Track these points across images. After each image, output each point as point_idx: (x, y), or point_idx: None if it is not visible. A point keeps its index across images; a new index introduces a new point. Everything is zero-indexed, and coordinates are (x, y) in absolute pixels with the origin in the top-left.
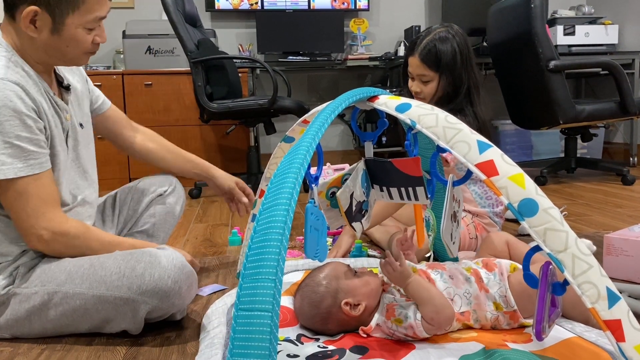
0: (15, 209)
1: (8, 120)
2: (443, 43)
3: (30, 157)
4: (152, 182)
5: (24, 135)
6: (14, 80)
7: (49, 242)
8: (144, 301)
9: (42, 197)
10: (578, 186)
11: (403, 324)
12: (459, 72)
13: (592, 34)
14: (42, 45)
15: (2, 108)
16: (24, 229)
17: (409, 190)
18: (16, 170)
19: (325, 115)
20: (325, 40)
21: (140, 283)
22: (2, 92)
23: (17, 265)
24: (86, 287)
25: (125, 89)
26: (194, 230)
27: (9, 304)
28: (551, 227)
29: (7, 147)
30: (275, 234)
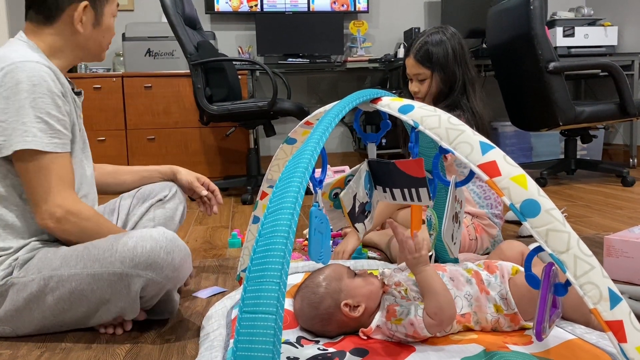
0: (33, 183)
1: (42, 97)
2: (435, 42)
3: (55, 135)
4: (152, 188)
5: (53, 113)
6: (47, 65)
7: (60, 220)
8: (137, 274)
9: (60, 175)
10: (578, 188)
11: (403, 321)
12: (451, 69)
13: (591, 35)
14: (85, 40)
15: (37, 86)
16: (38, 204)
17: (412, 191)
18: (43, 145)
19: (329, 118)
20: (324, 42)
21: (132, 256)
22: (38, 72)
23: (17, 257)
24: (80, 267)
25: (125, 92)
26: (193, 233)
27: (8, 295)
28: (553, 228)
29: (39, 121)
30: (280, 238)
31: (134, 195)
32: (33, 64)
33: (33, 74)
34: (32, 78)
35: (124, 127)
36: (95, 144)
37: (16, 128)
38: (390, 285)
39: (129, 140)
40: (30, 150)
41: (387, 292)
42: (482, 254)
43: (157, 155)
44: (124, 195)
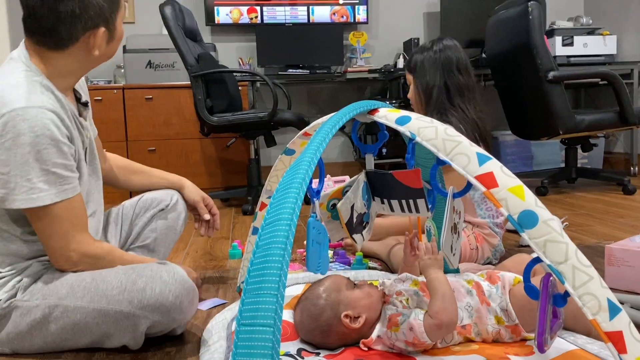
0: (47, 232)
1: (46, 148)
2: (419, 50)
3: (64, 182)
4: (154, 197)
5: (59, 162)
6: (50, 108)
7: (76, 263)
8: (145, 316)
9: (72, 221)
10: (579, 196)
11: (402, 327)
12: (431, 75)
13: (590, 44)
14: (98, 58)
15: (41, 137)
16: (53, 250)
17: (410, 202)
18: (52, 197)
19: (326, 129)
20: (324, 53)
21: (141, 297)
22: (41, 121)
23: (21, 278)
24: (87, 301)
25: (125, 103)
26: (194, 244)
27: (11, 317)
28: (551, 238)
29: (45, 174)
30: (277, 249)
31: (135, 203)
32: (35, 111)
33: (35, 124)
34: (34, 128)
35: (124, 139)
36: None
37: (20, 184)
38: (392, 295)
39: (129, 152)
40: (39, 207)
41: (388, 302)
42: (483, 263)
43: (157, 167)
44: (126, 204)
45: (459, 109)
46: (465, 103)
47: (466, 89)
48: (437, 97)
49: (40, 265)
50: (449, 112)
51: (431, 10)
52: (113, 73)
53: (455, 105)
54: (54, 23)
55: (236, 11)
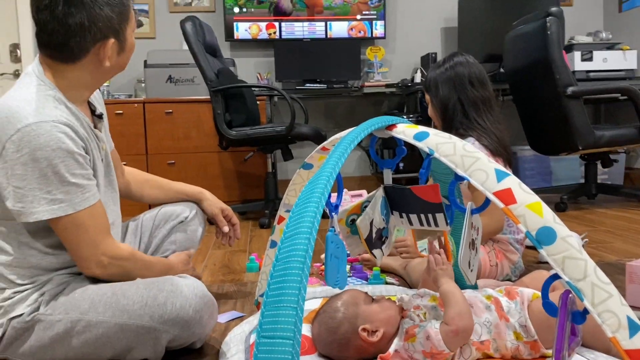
0: (75, 241)
1: (63, 161)
2: (432, 68)
3: (85, 190)
4: (173, 209)
5: (78, 172)
6: (64, 122)
7: (107, 267)
8: (166, 330)
9: (97, 227)
10: (599, 212)
11: (418, 337)
12: (444, 92)
13: (610, 59)
14: (109, 69)
15: (57, 151)
16: (84, 258)
17: (429, 216)
18: (74, 205)
19: (345, 144)
20: (342, 68)
21: (162, 312)
22: (55, 135)
23: (43, 292)
24: (109, 316)
25: (146, 117)
26: (212, 257)
27: (34, 330)
28: (570, 255)
29: (65, 185)
30: (297, 262)
31: (155, 215)
32: (49, 126)
33: (50, 138)
34: (49, 142)
35: (144, 152)
36: None
37: (40, 197)
38: (409, 310)
39: (149, 165)
40: (63, 217)
41: (406, 317)
42: (502, 279)
43: (176, 179)
44: (146, 215)
45: (475, 122)
46: (481, 116)
47: (481, 102)
48: (452, 113)
49: (61, 278)
50: (467, 127)
51: (449, 25)
52: (134, 87)
53: (471, 119)
54: (64, 36)
55: (255, 27)
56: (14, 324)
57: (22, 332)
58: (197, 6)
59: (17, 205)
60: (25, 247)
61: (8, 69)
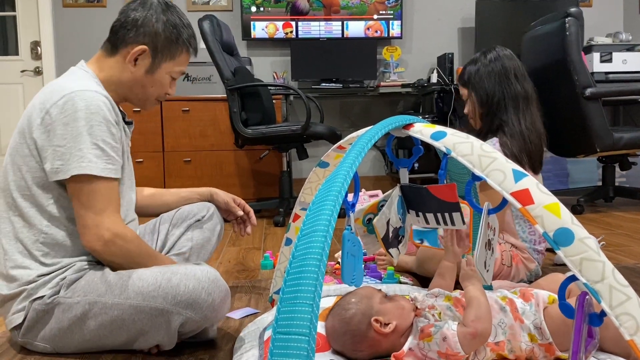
0: (85, 206)
1: (98, 125)
2: (471, 63)
3: (109, 161)
4: (190, 209)
5: (108, 140)
6: (104, 94)
7: (107, 243)
8: (178, 312)
9: (110, 200)
10: (617, 215)
11: (435, 337)
12: (485, 87)
13: (629, 60)
14: (132, 80)
15: (94, 114)
16: (87, 226)
17: (445, 215)
18: (98, 170)
19: (362, 143)
20: (358, 67)
21: (175, 293)
22: (95, 102)
23: (64, 276)
24: (124, 298)
25: (163, 115)
26: (227, 254)
27: (53, 313)
28: (587, 257)
29: (94, 148)
30: (313, 259)
31: (172, 215)
32: (91, 93)
33: (91, 103)
34: (89, 106)
35: (161, 149)
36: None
37: (73, 154)
38: (424, 309)
39: (166, 162)
40: (85, 175)
41: (420, 315)
42: (517, 282)
43: (192, 177)
44: (164, 216)
45: (510, 121)
46: (517, 114)
47: (522, 98)
48: (496, 108)
49: (83, 265)
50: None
51: (466, 26)
52: None
53: (504, 117)
54: (120, 25)
55: (272, 26)
56: (35, 305)
57: (43, 314)
58: (215, 5)
59: (57, 163)
60: (56, 223)
61: (29, 66)
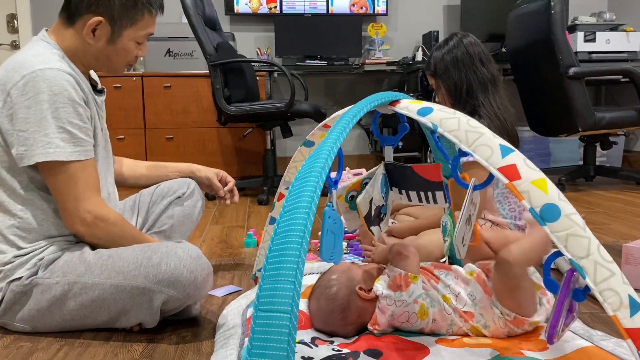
0: (63, 192)
1: (63, 106)
2: (436, 50)
3: (79, 143)
4: (171, 185)
5: (75, 122)
6: (68, 72)
7: (90, 225)
8: (160, 290)
9: (87, 182)
10: (597, 194)
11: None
12: (452, 75)
13: (613, 40)
14: (95, 51)
15: (58, 95)
16: (68, 211)
17: (428, 193)
18: (66, 154)
19: (347, 119)
20: (342, 44)
21: (156, 272)
22: (59, 81)
23: (42, 256)
24: (104, 277)
25: (144, 91)
26: (210, 232)
27: (32, 294)
28: (573, 232)
29: (61, 131)
30: (296, 237)
31: (152, 192)
32: (54, 72)
33: (54, 83)
34: (52, 87)
35: (143, 126)
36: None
37: (38, 139)
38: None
39: (147, 139)
40: (55, 161)
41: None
42: None
43: (175, 155)
44: (143, 192)
45: (482, 105)
46: (488, 98)
47: (490, 82)
48: (466, 95)
49: (62, 244)
50: (472, 111)
51: (451, 4)
52: None
53: (477, 102)
54: None
55: (255, 1)
56: (12, 287)
57: (21, 295)
58: None
59: (20, 149)
60: (31, 206)
61: (5, 39)
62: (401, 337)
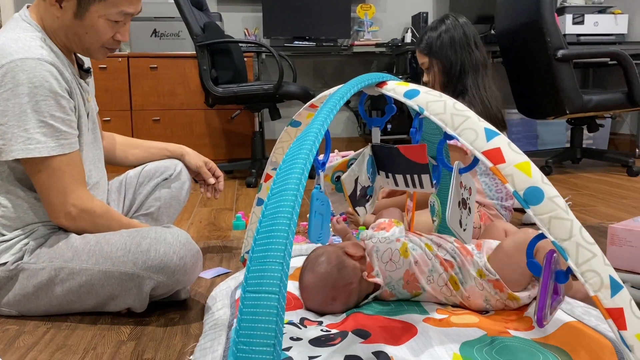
0: (46, 186)
1: (44, 100)
2: (433, 30)
3: (62, 137)
4: (157, 167)
5: (57, 115)
6: (50, 61)
7: (75, 219)
8: (149, 277)
9: (72, 175)
10: (583, 177)
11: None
12: (447, 56)
13: (601, 23)
14: (64, 26)
15: (39, 88)
16: (53, 205)
17: (414, 177)
18: (49, 149)
19: (334, 100)
20: (331, 25)
21: (145, 258)
22: (40, 72)
23: (28, 241)
24: (92, 263)
25: (130, 72)
26: (198, 214)
27: (17, 279)
28: (556, 215)
29: (42, 126)
30: (284, 219)
31: (139, 172)
32: (34, 62)
33: (34, 75)
34: (32, 79)
35: (129, 108)
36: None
37: (18, 134)
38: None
39: (134, 121)
40: (37, 158)
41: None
42: None
43: (161, 137)
44: (129, 173)
45: (469, 88)
46: (476, 81)
47: (482, 66)
48: (458, 77)
49: (46, 229)
50: (459, 93)
51: None
52: None
53: (465, 85)
54: None
55: None
56: None
57: (6, 281)
58: None
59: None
60: (13, 196)
61: None
62: (389, 318)
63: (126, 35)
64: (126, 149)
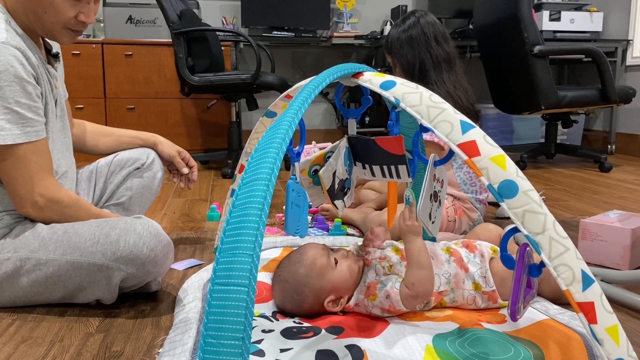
0: (12, 175)
1: (9, 85)
2: (393, 28)
3: (27, 124)
4: (129, 156)
5: (23, 101)
6: (15, 45)
7: (42, 209)
8: (118, 268)
9: (39, 164)
10: (556, 172)
11: (379, 296)
12: (405, 53)
13: (577, 20)
14: (22, 5)
15: (3, 73)
16: (19, 194)
17: (392, 168)
18: (14, 137)
19: (309, 90)
20: (310, 16)
21: (114, 249)
22: (4, 57)
23: None
24: (59, 254)
25: (104, 59)
26: (172, 205)
27: None
28: (530, 209)
29: (7, 112)
30: (254, 209)
31: (111, 161)
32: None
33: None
34: None
35: (103, 96)
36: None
37: None
38: (375, 259)
39: (108, 109)
40: (2, 146)
41: (369, 266)
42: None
43: (136, 126)
44: (101, 162)
45: (434, 84)
46: (440, 76)
47: (445, 61)
48: (419, 74)
49: (12, 218)
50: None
51: None
52: (92, 27)
53: (429, 81)
54: None
55: None
56: None
57: None
58: None
59: None
60: None
61: None
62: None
63: (91, 15)
64: (97, 137)
